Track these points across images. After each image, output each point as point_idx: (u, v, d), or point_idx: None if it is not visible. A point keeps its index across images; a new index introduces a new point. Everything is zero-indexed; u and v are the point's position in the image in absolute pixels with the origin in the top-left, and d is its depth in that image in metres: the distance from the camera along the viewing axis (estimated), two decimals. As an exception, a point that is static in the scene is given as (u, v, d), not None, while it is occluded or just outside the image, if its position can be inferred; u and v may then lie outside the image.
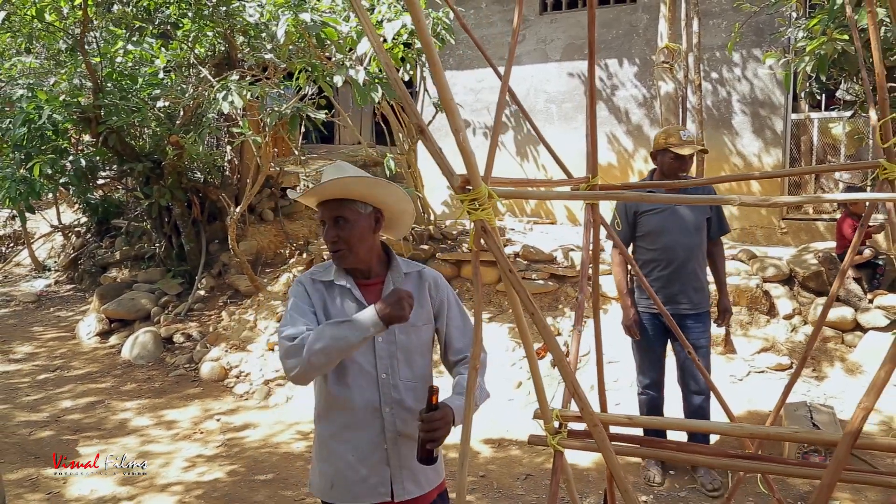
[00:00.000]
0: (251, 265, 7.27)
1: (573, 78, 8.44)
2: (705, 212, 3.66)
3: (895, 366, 1.11)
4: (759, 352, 5.16)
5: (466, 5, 8.92)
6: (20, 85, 7.01)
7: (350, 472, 1.96)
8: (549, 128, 8.65)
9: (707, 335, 3.68)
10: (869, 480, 1.32)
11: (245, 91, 5.49)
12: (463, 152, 1.21)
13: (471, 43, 8.85)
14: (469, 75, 9.09)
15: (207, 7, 6.41)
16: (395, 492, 1.96)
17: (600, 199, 2.02)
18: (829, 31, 3.89)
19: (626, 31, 8.07)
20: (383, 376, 1.95)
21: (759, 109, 7.44)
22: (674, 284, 3.58)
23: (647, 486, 3.77)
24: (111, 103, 6.61)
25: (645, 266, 3.65)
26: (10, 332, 7.70)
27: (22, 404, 5.32)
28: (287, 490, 3.80)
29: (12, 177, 6.75)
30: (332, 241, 1.93)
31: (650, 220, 3.64)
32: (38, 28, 6.56)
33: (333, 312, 1.97)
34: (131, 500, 3.73)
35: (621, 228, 3.70)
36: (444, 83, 1.16)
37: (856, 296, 5.17)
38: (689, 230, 3.59)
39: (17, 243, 11.68)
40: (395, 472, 1.96)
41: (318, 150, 12.78)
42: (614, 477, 1.35)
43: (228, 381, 5.71)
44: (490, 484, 3.87)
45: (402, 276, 2.03)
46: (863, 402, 1.14)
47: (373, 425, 1.96)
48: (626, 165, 8.17)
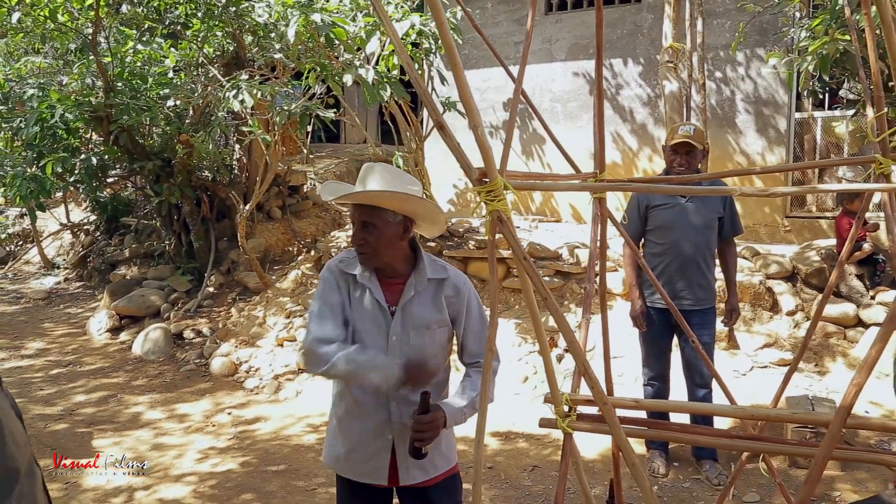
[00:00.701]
0: (260, 262, 7.36)
1: (578, 77, 8.51)
2: (717, 211, 3.72)
3: (885, 344, 1.18)
4: (762, 347, 5.23)
5: (472, 5, 9.00)
6: (30, 84, 7.11)
7: (357, 452, 2.07)
8: (555, 127, 8.71)
9: (710, 332, 3.74)
10: (862, 458, 1.40)
11: (255, 90, 5.58)
12: (481, 146, 1.29)
13: (477, 42, 8.95)
14: (475, 75, 9.15)
15: (217, 7, 6.50)
16: (401, 477, 2.06)
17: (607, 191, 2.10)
18: (831, 31, 3.95)
19: (631, 31, 8.14)
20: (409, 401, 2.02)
21: (763, 108, 7.50)
22: (679, 280, 3.65)
23: (651, 478, 3.84)
24: (122, 102, 6.70)
25: (653, 260, 3.72)
26: (22, 328, 7.80)
27: (36, 398, 5.42)
28: (299, 480, 3.88)
29: (23, 175, 6.86)
30: (358, 244, 2.01)
31: (660, 214, 3.71)
32: (51, 28, 6.65)
33: (353, 306, 2.05)
34: (146, 490, 3.82)
35: (631, 222, 3.78)
36: (464, 81, 1.24)
37: (858, 292, 5.24)
38: (697, 228, 3.65)
39: (26, 241, 11.80)
40: (402, 459, 2.05)
41: (325, 148, 12.89)
42: (623, 451, 1.42)
43: (239, 376, 5.80)
44: (498, 475, 3.95)
45: (426, 281, 2.08)
46: (855, 378, 1.22)
47: (379, 415, 2.05)
48: (631, 164, 8.24)
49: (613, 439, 1.86)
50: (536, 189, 1.45)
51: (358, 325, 2.05)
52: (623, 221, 3.69)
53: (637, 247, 3.83)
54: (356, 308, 2.06)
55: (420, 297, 2.06)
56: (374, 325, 2.04)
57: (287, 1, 5.79)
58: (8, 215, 12.24)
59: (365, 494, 2.13)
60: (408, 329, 2.03)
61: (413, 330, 2.03)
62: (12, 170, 7.02)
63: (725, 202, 3.71)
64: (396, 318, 2.03)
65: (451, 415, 1.95)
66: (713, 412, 2.95)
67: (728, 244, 3.83)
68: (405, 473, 2.05)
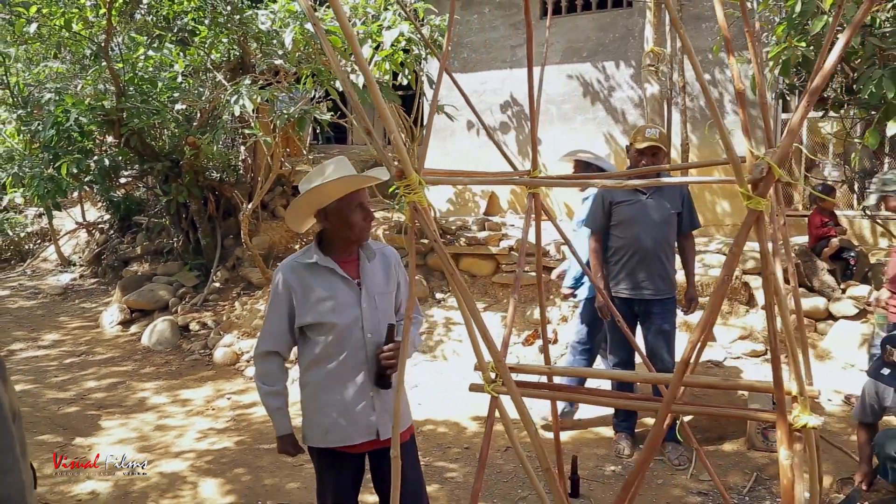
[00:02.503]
0: (263, 259, 7.69)
1: (572, 80, 8.76)
2: (675, 207, 3.96)
3: (720, 306, 1.44)
4: (736, 339, 5.46)
5: (471, 10, 9.28)
6: (48, 89, 7.50)
7: (342, 418, 2.35)
8: (549, 128, 8.99)
9: (671, 320, 3.99)
10: (702, 411, 1.66)
11: (255, 95, 5.90)
12: (398, 149, 1.56)
13: (475, 46, 9.24)
14: (472, 77, 9.43)
15: (223, 15, 6.84)
16: (381, 431, 2.36)
17: (536, 185, 2.37)
18: (790, 38, 4.19)
19: (623, 35, 8.38)
20: (369, 336, 2.34)
21: (750, 109, 7.70)
22: (640, 272, 3.90)
23: (616, 458, 4.10)
24: (133, 106, 7.07)
25: (616, 253, 3.98)
26: (39, 321, 8.20)
27: (50, 384, 5.78)
28: (287, 457, 4.18)
29: (41, 176, 7.25)
30: (369, 222, 2.36)
31: (622, 210, 3.97)
32: (66, 37, 7.02)
33: (318, 291, 2.34)
34: (150, 465, 4.14)
35: (596, 217, 4.03)
36: (376, 91, 1.50)
37: (829, 287, 5.46)
38: (657, 223, 3.90)
39: (43, 240, 12.27)
40: (380, 415, 2.36)
41: (331, 150, 13.20)
42: (518, 411, 1.67)
43: (239, 365, 6.13)
44: (473, 455, 4.23)
45: (373, 253, 2.44)
46: (692, 337, 1.48)
47: (360, 377, 2.34)
48: (623, 164, 8.47)
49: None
50: (448, 184, 1.73)
51: (328, 303, 2.33)
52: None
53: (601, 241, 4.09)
54: (322, 289, 2.35)
55: (372, 267, 2.40)
56: (346, 297, 2.34)
57: (290, 8, 6.11)
58: (27, 215, 12.72)
59: (343, 463, 2.41)
60: (372, 296, 2.36)
61: (377, 296, 2.37)
62: (31, 171, 7.42)
63: (683, 199, 3.96)
64: (363, 289, 2.35)
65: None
66: (625, 378, 3.27)
67: (686, 238, 4.07)
68: (384, 428, 2.35)
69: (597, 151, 7.75)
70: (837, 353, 5.10)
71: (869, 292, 5.30)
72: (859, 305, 5.24)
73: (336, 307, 2.33)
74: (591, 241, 4.11)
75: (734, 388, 4.00)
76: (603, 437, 4.33)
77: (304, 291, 2.34)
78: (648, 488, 3.78)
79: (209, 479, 3.94)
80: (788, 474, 1.33)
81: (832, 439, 4.20)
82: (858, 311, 5.23)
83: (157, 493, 3.79)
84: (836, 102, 5.55)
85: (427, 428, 4.67)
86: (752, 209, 1.40)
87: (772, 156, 1.44)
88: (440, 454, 4.28)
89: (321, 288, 2.35)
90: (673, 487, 3.78)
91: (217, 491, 3.81)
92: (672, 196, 3.91)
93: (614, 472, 3.97)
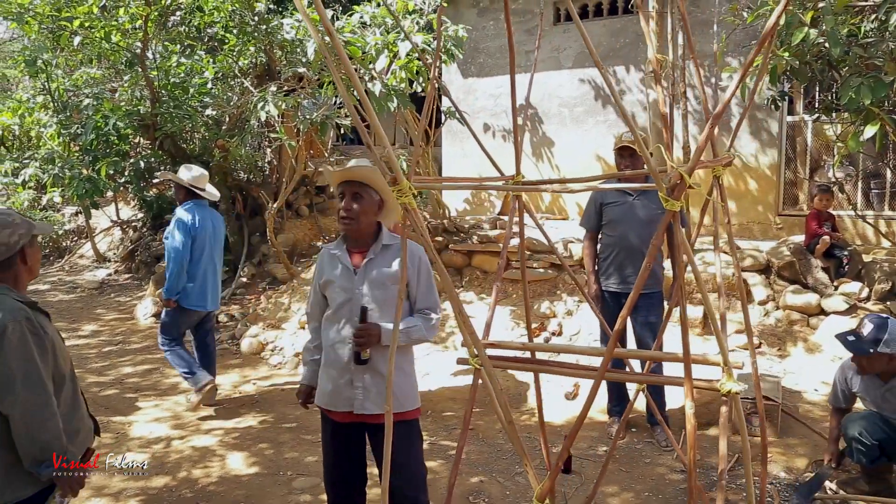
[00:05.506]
0: (287, 255, 8.13)
1: (584, 84, 9.06)
2: (661, 207, 4.27)
3: (640, 291, 1.76)
4: (733, 333, 5.73)
5: (486, 17, 9.63)
6: (86, 94, 8.01)
7: (333, 387, 2.73)
8: (562, 130, 9.31)
9: (657, 313, 4.30)
10: (632, 378, 1.99)
11: (280, 101, 6.32)
12: (390, 160, 1.92)
13: (491, 51, 9.59)
14: (489, 82, 9.78)
15: (250, 25, 7.28)
16: (355, 406, 2.68)
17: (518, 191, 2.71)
18: (773, 48, 4.47)
19: (633, 40, 8.66)
20: (355, 319, 2.69)
21: (756, 112, 7.94)
22: (627, 267, 4.23)
23: (608, 440, 4.42)
24: (166, 112, 7.54)
25: (606, 249, 4.32)
26: (78, 313, 8.73)
27: (91, 369, 6.26)
28: (307, 435, 4.59)
29: (79, 176, 7.75)
30: (346, 210, 2.67)
31: (612, 210, 4.30)
32: (106, 48, 7.51)
33: (328, 273, 2.78)
34: (182, 440, 4.57)
35: (589, 217, 4.38)
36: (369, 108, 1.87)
37: (822, 283, 5.70)
38: (643, 221, 4.22)
39: (80, 237, 12.89)
40: (358, 391, 2.68)
41: (353, 151, 13.65)
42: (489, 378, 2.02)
43: (264, 354, 6.56)
44: (476, 435, 4.58)
45: (382, 247, 2.77)
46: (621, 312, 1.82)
47: (345, 354, 2.70)
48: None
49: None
50: (435, 189, 2.08)
51: (332, 284, 2.75)
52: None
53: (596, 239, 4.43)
54: (333, 275, 2.77)
55: (379, 259, 2.73)
56: (345, 282, 2.72)
57: (314, 17, 6.51)
58: (64, 213, 13.37)
59: (329, 425, 2.79)
60: (368, 284, 2.70)
61: (371, 286, 2.70)
62: (70, 172, 7.93)
63: (670, 199, 4.27)
64: (359, 276, 2.71)
65: (385, 332, 2.61)
66: (580, 351, 3.55)
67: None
68: (359, 404, 2.68)
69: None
70: (827, 346, 5.35)
71: (860, 289, 5.54)
72: (849, 301, 5.48)
73: (335, 288, 2.74)
74: (585, 240, 4.44)
75: (659, 359, 4.26)
76: (596, 422, 4.66)
77: (322, 271, 2.82)
78: (636, 466, 4.11)
79: (236, 453, 4.35)
80: (692, 421, 1.67)
81: (814, 426, 4.48)
82: (849, 307, 5.47)
83: (189, 464, 4.20)
84: (827, 108, 5.81)
85: (436, 410, 5.03)
86: (669, 210, 1.74)
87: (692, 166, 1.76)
88: (446, 434, 4.64)
89: (330, 270, 2.78)
90: (658, 466, 4.10)
91: (243, 463, 4.21)
92: (657, 196, 4.22)
93: (605, 452, 4.29)
